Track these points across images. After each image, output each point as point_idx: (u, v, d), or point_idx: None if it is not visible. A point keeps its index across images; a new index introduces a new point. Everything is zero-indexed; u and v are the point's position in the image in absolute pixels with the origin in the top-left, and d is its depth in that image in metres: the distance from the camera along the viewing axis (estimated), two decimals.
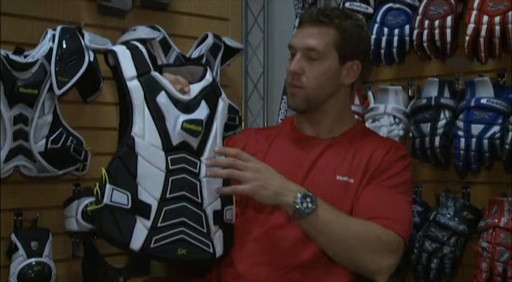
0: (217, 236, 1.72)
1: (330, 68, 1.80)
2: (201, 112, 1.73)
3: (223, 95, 1.83)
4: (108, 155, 1.78)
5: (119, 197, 1.59)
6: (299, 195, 1.62)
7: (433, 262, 2.14)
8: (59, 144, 2.03)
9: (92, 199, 2.05)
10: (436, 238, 2.15)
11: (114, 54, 1.69)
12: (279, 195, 1.64)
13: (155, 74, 1.70)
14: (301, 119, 1.90)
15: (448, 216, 2.16)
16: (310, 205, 1.62)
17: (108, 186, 1.59)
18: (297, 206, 1.62)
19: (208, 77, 1.80)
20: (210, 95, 1.78)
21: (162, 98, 1.67)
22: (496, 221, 2.05)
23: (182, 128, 1.67)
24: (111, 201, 1.58)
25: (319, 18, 1.79)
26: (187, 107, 1.71)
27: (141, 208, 1.61)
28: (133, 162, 1.62)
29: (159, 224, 1.63)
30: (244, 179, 1.66)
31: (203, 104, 1.74)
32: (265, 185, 1.64)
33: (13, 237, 2.01)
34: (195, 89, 1.75)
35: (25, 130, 1.95)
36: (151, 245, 1.61)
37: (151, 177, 1.64)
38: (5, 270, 2.02)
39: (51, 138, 2.02)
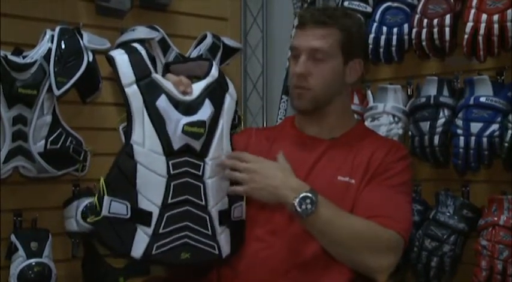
0: (224, 236, 1.71)
1: (335, 68, 1.80)
2: (204, 112, 1.69)
3: (231, 89, 1.78)
4: (107, 155, 1.77)
5: (118, 208, 1.58)
6: (298, 197, 1.62)
7: (433, 260, 2.14)
8: (58, 145, 2.03)
9: (92, 199, 2.06)
10: (435, 236, 2.15)
11: (112, 59, 1.65)
12: (276, 195, 1.65)
13: (156, 76, 1.66)
14: (303, 119, 1.90)
15: (448, 214, 2.16)
16: (309, 207, 1.62)
17: (106, 198, 1.57)
18: (296, 207, 1.62)
19: (214, 73, 1.75)
20: (216, 91, 1.73)
21: (162, 102, 1.64)
22: (496, 219, 2.05)
23: (183, 131, 1.64)
24: (109, 212, 1.57)
25: (323, 19, 1.79)
26: (189, 108, 1.67)
27: (141, 216, 1.60)
28: (132, 170, 1.60)
29: (161, 230, 1.61)
30: (241, 180, 1.68)
31: (207, 102, 1.70)
32: (262, 186, 1.66)
33: (13, 237, 2.01)
34: (199, 87, 1.71)
35: (24, 131, 1.94)
36: (153, 252, 1.60)
37: (151, 184, 1.62)
38: (5, 271, 2.02)
39: (51, 138, 2.02)
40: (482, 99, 2.07)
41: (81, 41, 2.05)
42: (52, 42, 1.99)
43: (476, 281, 2.06)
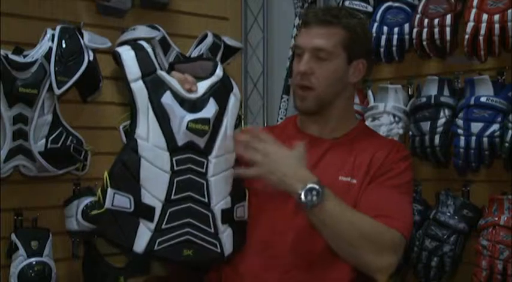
0: (226, 235, 1.71)
1: (338, 68, 1.80)
2: (209, 110, 1.69)
3: (235, 89, 1.78)
4: (108, 154, 1.77)
5: (121, 201, 1.58)
6: (304, 187, 1.61)
7: (433, 260, 2.15)
8: (59, 144, 2.03)
9: (92, 198, 2.06)
10: (436, 236, 2.15)
11: (118, 55, 1.66)
12: (283, 183, 1.64)
13: (161, 73, 1.66)
14: (306, 119, 1.90)
15: (448, 214, 2.16)
16: (314, 198, 1.61)
17: (109, 191, 1.58)
18: (301, 198, 1.62)
19: (219, 73, 1.75)
20: (220, 90, 1.74)
21: (167, 99, 1.64)
22: (496, 219, 2.06)
23: (187, 128, 1.64)
24: (112, 205, 1.58)
25: (327, 19, 1.79)
26: (194, 105, 1.68)
27: (144, 211, 1.60)
28: (136, 165, 1.60)
29: (163, 226, 1.62)
30: (255, 161, 1.67)
31: (211, 101, 1.70)
32: (272, 170, 1.65)
33: (13, 237, 2.01)
34: (204, 85, 1.71)
35: (25, 130, 1.95)
36: (155, 247, 1.60)
37: (155, 179, 1.62)
38: (5, 270, 2.02)
39: (51, 137, 2.02)
40: (483, 99, 2.07)
41: (81, 41, 2.05)
42: (53, 41, 2.00)
43: (476, 281, 2.06)
